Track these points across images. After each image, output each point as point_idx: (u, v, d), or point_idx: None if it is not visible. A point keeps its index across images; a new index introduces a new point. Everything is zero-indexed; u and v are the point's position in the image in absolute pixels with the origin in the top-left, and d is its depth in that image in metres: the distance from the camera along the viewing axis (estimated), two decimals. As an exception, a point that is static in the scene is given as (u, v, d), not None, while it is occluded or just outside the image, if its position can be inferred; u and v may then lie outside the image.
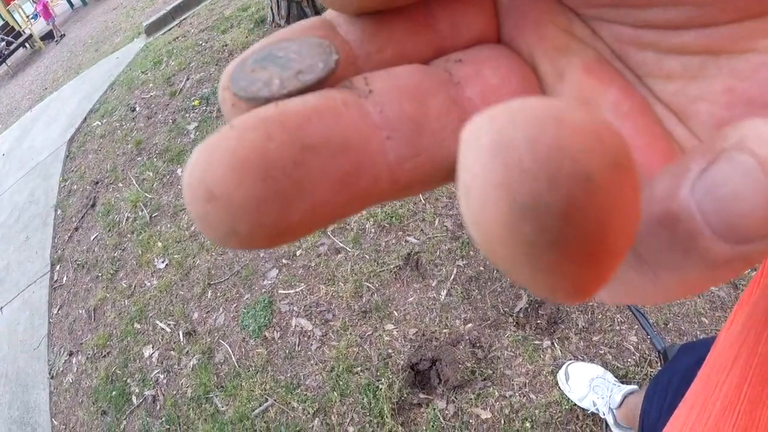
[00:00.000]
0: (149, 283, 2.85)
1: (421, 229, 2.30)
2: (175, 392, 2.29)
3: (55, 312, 3.10)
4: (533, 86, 0.15)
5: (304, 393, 2.01)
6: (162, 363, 2.43)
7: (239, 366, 2.21)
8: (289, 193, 0.10)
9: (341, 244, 2.41)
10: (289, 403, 2.00)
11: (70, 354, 2.79)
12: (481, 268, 2.06)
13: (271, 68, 0.13)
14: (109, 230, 3.41)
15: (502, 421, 1.69)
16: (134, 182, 3.69)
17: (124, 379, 2.48)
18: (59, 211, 4.00)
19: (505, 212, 0.08)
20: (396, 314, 2.07)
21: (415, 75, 0.14)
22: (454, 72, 0.15)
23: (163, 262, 2.91)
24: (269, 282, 2.45)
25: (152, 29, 6.68)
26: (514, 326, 1.87)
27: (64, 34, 12.48)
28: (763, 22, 0.12)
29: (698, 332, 1.66)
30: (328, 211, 0.11)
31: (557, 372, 1.71)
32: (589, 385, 1.59)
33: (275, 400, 2.04)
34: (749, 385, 0.26)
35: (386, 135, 0.12)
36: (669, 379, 0.94)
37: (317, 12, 4.57)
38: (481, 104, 0.14)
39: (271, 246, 0.11)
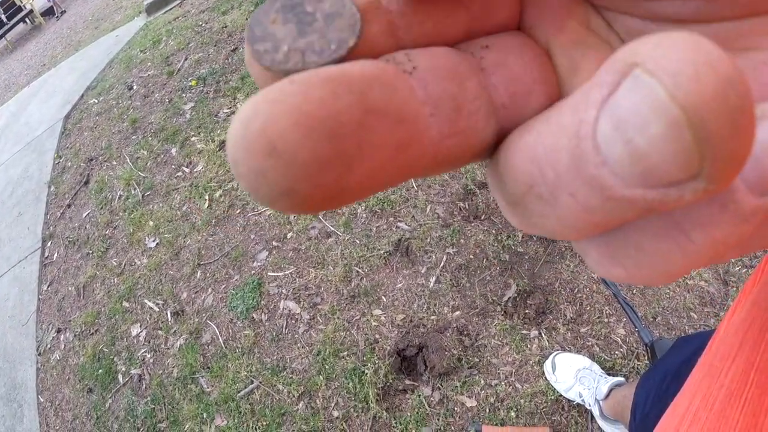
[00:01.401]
0: (139, 262, 2.84)
1: (413, 216, 2.28)
2: (161, 372, 2.28)
3: (45, 288, 3.09)
4: (551, 77, 0.15)
5: (290, 376, 2.01)
6: (149, 342, 2.43)
7: (226, 347, 2.21)
8: (351, 155, 0.10)
9: (332, 228, 2.40)
10: (275, 385, 2.01)
11: (58, 331, 2.78)
12: (471, 257, 2.05)
13: (290, 26, 0.13)
14: (102, 208, 3.39)
15: (487, 410, 1.70)
16: (128, 161, 3.67)
17: (111, 357, 2.47)
18: (52, 188, 3.98)
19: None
20: (384, 300, 2.06)
21: (451, 56, 0.14)
22: (483, 57, 0.15)
23: (153, 241, 2.90)
24: (259, 264, 2.44)
25: (153, 8, 6.61)
26: (502, 315, 1.87)
27: (65, 11, 12.35)
28: (766, 19, 0.12)
29: (687, 327, 1.66)
30: (381, 178, 0.11)
31: (544, 362, 1.72)
32: (575, 376, 1.59)
33: (261, 382, 2.04)
34: (756, 371, 0.26)
35: (430, 112, 0.12)
36: (665, 372, 0.93)
37: (318, -4, 4.53)
38: (504, 91, 0.14)
39: (322, 209, 0.11)
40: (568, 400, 1.62)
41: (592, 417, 1.56)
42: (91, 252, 3.10)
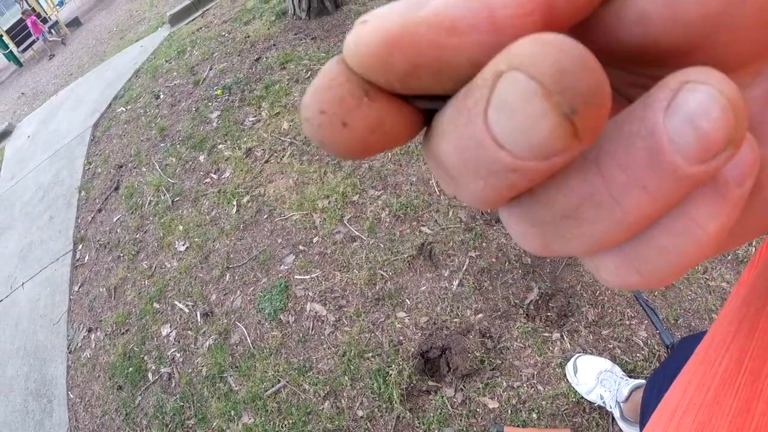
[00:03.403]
0: (169, 265, 2.91)
1: (435, 220, 2.32)
2: (190, 371, 2.34)
3: (76, 289, 3.18)
4: None
5: (316, 376, 2.05)
6: (179, 342, 2.49)
7: (254, 347, 2.26)
8: None
9: (357, 233, 2.45)
10: (301, 385, 2.05)
11: (89, 330, 2.86)
12: (493, 260, 2.08)
13: None
14: (132, 213, 3.48)
15: (509, 411, 1.71)
16: (157, 167, 3.76)
17: (141, 356, 2.54)
18: (83, 193, 4.08)
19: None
20: (408, 302, 2.10)
21: None
22: None
23: (183, 244, 2.97)
24: (286, 267, 2.49)
25: (176, 19, 6.72)
26: (524, 318, 1.89)
27: (54, 55, 11.96)
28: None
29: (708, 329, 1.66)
30: None
31: (565, 364, 1.73)
32: (596, 378, 1.60)
33: (287, 382, 2.08)
34: (750, 359, 0.26)
35: None
36: (675, 371, 0.93)
37: (337, 5, 4.60)
38: None
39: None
40: (590, 402, 1.63)
41: (613, 419, 1.56)
42: (122, 255, 3.18)
